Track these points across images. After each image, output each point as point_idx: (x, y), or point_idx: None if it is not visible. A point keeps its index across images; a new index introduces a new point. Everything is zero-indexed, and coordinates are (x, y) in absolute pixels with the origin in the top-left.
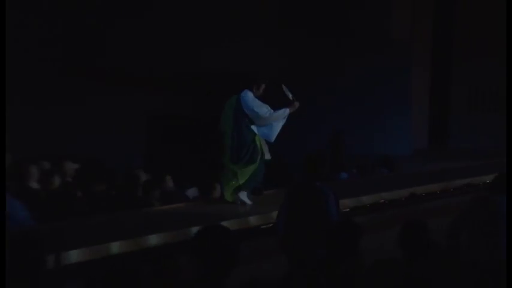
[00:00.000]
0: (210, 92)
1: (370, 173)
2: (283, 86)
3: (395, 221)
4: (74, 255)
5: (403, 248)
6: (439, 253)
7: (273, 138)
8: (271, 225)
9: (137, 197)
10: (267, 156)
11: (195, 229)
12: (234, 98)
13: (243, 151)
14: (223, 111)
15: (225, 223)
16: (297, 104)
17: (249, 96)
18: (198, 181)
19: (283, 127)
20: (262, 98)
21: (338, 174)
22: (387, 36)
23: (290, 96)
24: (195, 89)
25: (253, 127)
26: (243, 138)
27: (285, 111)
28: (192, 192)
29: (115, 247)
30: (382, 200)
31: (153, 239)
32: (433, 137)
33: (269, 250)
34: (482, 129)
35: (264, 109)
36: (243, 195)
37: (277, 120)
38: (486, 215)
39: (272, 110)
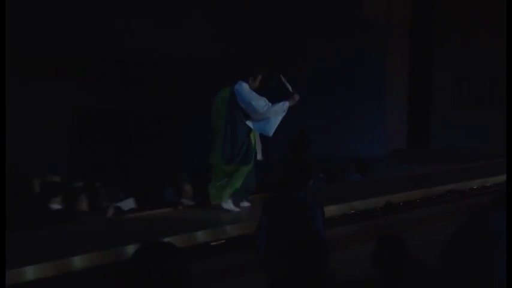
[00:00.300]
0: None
1: (339, 178)
2: (282, 77)
3: (369, 234)
4: None
5: (378, 266)
6: (421, 272)
7: (271, 132)
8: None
9: (58, 211)
10: (259, 156)
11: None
12: (227, 90)
13: (235, 149)
14: (213, 105)
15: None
16: (297, 97)
17: (244, 88)
18: (136, 190)
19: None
20: (259, 91)
21: None
22: (359, 17)
23: (290, 88)
24: (127, 78)
25: (249, 122)
26: (237, 134)
27: (284, 105)
28: (127, 204)
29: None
30: (353, 211)
31: (76, 262)
32: (412, 136)
33: (239, 267)
34: (468, 126)
35: (261, 102)
36: (227, 204)
37: (275, 114)
38: (486, 233)
39: (270, 104)
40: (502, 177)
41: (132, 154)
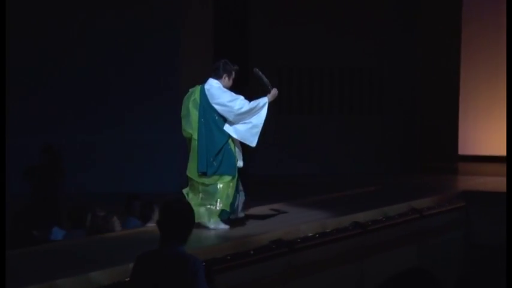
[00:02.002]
0: None
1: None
2: (256, 70)
3: None
4: None
5: None
6: None
7: (254, 141)
8: None
9: None
10: (239, 163)
11: None
12: (197, 91)
13: (210, 157)
14: (182, 109)
15: None
16: (275, 92)
17: (215, 86)
18: None
19: None
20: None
21: (47, 231)
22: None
23: (265, 82)
24: None
25: (229, 129)
26: (214, 139)
27: (263, 101)
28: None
29: None
30: None
31: None
32: None
33: None
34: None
35: (237, 102)
36: (215, 223)
37: (256, 114)
38: None
39: (248, 101)
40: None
41: None
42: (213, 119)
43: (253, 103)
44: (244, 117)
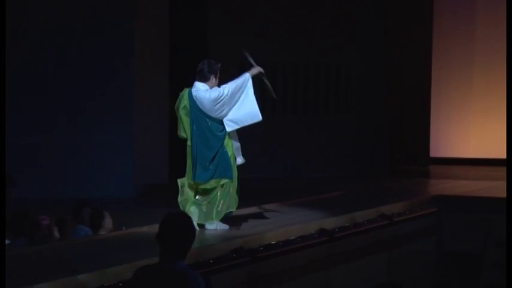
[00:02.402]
0: None
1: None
2: (245, 53)
3: None
4: None
5: None
6: None
7: (258, 114)
8: None
9: None
10: (240, 160)
11: None
12: (185, 95)
13: (206, 162)
14: (177, 116)
15: None
16: (258, 68)
17: (201, 90)
18: None
19: None
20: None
21: None
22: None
23: (252, 61)
24: None
25: (229, 122)
26: (208, 146)
27: (245, 77)
28: None
29: None
30: None
31: None
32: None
33: None
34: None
35: (216, 92)
36: (213, 224)
37: (241, 91)
38: None
39: (226, 85)
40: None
41: None
42: (205, 125)
43: (233, 81)
44: (232, 102)
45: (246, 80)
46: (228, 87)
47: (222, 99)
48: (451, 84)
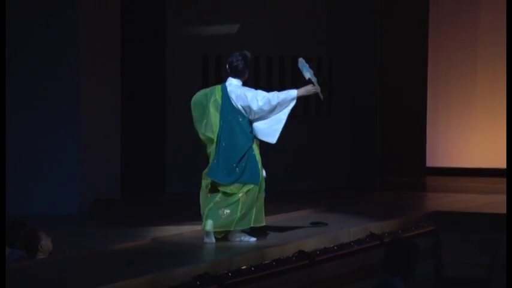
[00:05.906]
0: None
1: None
2: (301, 60)
3: None
4: None
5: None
6: None
7: (275, 138)
8: None
9: None
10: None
11: None
12: (217, 91)
13: (233, 163)
14: (197, 110)
15: None
16: (313, 88)
17: (236, 85)
18: None
19: None
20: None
21: None
22: None
23: (308, 74)
24: None
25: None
26: (236, 144)
27: (292, 96)
28: None
29: None
30: None
31: None
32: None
33: None
34: None
35: (260, 95)
36: (244, 236)
37: (280, 110)
38: None
39: (275, 95)
40: None
41: None
42: (236, 121)
43: (281, 97)
44: (268, 110)
45: (290, 99)
46: (276, 99)
47: (264, 109)
48: (450, 82)
